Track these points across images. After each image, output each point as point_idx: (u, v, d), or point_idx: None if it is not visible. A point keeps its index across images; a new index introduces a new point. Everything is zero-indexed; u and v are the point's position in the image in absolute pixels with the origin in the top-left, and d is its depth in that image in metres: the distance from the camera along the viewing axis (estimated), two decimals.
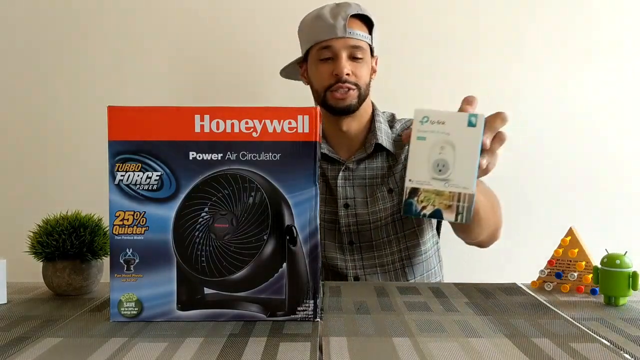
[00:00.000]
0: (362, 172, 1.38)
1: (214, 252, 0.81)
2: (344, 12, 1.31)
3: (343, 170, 1.37)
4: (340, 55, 1.31)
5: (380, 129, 1.39)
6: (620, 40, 1.74)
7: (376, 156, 1.39)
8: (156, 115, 0.81)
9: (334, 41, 1.31)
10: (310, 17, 1.36)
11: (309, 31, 1.36)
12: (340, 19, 1.30)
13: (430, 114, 0.79)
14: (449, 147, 0.79)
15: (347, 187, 1.37)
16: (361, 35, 1.33)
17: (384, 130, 1.40)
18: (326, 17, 1.31)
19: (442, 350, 0.70)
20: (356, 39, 1.32)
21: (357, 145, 1.40)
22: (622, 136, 1.75)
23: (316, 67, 1.35)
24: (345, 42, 1.31)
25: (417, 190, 0.79)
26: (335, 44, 1.31)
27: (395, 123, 1.44)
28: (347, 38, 1.31)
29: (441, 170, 0.79)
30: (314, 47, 1.34)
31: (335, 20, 1.30)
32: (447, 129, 0.79)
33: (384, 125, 1.41)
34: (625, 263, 0.90)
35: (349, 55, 1.32)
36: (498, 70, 1.74)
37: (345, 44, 1.31)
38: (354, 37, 1.31)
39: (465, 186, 0.78)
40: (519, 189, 1.74)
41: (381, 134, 1.38)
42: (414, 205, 0.79)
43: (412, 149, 0.79)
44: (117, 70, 1.75)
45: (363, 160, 1.38)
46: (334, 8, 1.34)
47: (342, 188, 1.37)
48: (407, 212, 0.79)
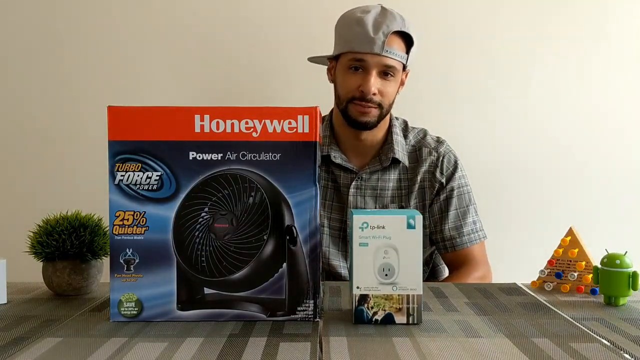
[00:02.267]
0: (375, 183, 1.37)
1: (214, 252, 0.81)
2: (386, 27, 1.26)
3: (356, 180, 1.36)
4: (370, 73, 1.28)
5: (397, 142, 1.37)
6: (625, 39, 1.74)
7: (390, 169, 1.37)
8: (156, 115, 0.81)
9: (369, 56, 1.27)
10: (353, 19, 1.30)
11: (346, 35, 1.30)
12: (381, 34, 1.25)
13: (369, 220, 0.80)
14: (392, 250, 0.79)
15: (358, 196, 1.36)
16: (398, 55, 1.28)
17: (400, 143, 1.38)
18: (367, 27, 1.26)
19: (442, 350, 0.70)
20: (391, 58, 1.28)
21: (371, 154, 1.39)
22: (622, 136, 1.75)
23: (344, 74, 1.32)
24: (380, 60, 1.27)
25: (366, 297, 0.80)
26: (369, 60, 1.27)
27: (409, 133, 1.42)
28: (382, 56, 1.27)
29: (387, 274, 0.80)
30: (347, 54, 1.30)
31: (375, 34, 1.25)
32: (388, 232, 0.79)
33: (400, 137, 1.39)
34: (625, 263, 0.90)
35: (379, 72, 1.29)
36: (498, 70, 1.74)
37: (379, 62, 1.27)
38: (389, 57, 1.27)
39: (413, 287, 0.80)
40: (519, 189, 1.74)
41: (398, 146, 1.37)
42: (365, 312, 0.80)
43: (356, 255, 0.80)
44: (117, 70, 1.75)
45: (377, 171, 1.37)
46: (378, 17, 1.28)
47: (353, 197, 1.36)
48: (358, 319, 0.80)
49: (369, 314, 0.80)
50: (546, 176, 1.75)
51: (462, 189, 1.37)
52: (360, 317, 0.80)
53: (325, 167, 1.38)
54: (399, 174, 1.38)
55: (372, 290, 0.80)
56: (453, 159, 1.39)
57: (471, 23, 1.74)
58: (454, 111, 1.74)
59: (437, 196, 1.37)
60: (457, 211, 1.35)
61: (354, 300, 0.80)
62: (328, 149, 1.37)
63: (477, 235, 1.36)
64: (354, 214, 0.80)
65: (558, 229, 1.11)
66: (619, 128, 1.75)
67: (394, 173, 1.38)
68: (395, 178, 1.38)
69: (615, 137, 1.75)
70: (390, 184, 1.37)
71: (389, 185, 1.37)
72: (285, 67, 1.73)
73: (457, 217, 1.35)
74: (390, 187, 1.37)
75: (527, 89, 1.75)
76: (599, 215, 1.73)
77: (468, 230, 1.35)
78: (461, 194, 1.37)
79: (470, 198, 1.38)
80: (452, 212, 1.35)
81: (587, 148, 1.75)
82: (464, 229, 1.34)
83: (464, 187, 1.38)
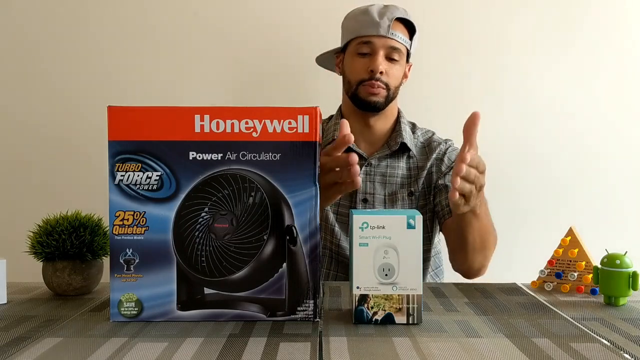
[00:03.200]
0: (384, 170, 1.41)
1: (214, 252, 0.81)
2: (390, 14, 1.35)
3: (365, 166, 1.40)
4: (378, 53, 1.34)
5: (406, 130, 1.43)
6: (624, 40, 1.74)
7: (399, 156, 1.42)
8: (156, 115, 0.81)
9: (375, 38, 1.34)
10: (357, 12, 1.40)
11: (353, 24, 1.39)
12: (386, 19, 1.34)
13: (369, 220, 0.80)
14: (392, 250, 0.79)
15: (367, 182, 1.40)
16: (402, 38, 1.36)
17: (408, 132, 1.44)
18: (373, 15, 1.35)
19: (442, 350, 0.70)
20: (397, 40, 1.35)
21: (380, 142, 1.43)
22: (622, 136, 1.75)
23: (352, 59, 1.38)
24: (386, 42, 1.34)
25: (366, 297, 0.80)
26: (376, 41, 1.34)
27: (417, 130, 1.48)
28: (388, 38, 1.34)
29: (387, 274, 0.80)
30: (355, 40, 1.37)
31: (381, 19, 1.34)
32: (388, 232, 0.79)
33: (408, 128, 1.45)
34: (625, 263, 0.90)
35: (386, 54, 1.35)
36: (499, 70, 1.74)
37: (385, 44, 1.35)
38: (394, 39, 1.35)
39: (413, 287, 0.80)
40: (519, 189, 1.74)
41: (406, 134, 1.42)
42: (365, 312, 0.80)
43: (356, 255, 0.80)
44: (118, 70, 1.75)
45: (385, 158, 1.41)
46: (382, 8, 1.37)
47: (362, 183, 1.38)
48: (358, 320, 0.80)
49: (369, 314, 0.80)
50: (546, 176, 1.75)
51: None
52: (360, 317, 0.80)
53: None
54: (408, 162, 1.42)
55: (372, 291, 0.80)
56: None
57: (474, 24, 1.74)
58: (454, 111, 1.73)
59: (444, 174, 1.40)
60: None
61: (354, 300, 0.80)
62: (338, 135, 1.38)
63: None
64: (354, 214, 0.80)
65: (558, 229, 1.11)
66: (620, 128, 1.75)
67: (402, 161, 1.42)
68: (404, 166, 1.42)
69: (616, 137, 1.75)
70: (399, 172, 1.41)
71: (398, 173, 1.41)
72: (285, 67, 1.74)
73: None
74: (399, 174, 1.41)
75: (527, 90, 1.75)
76: (599, 215, 1.73)
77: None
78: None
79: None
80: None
81: (587, 148, 1.75)
82: None
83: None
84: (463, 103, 1.74)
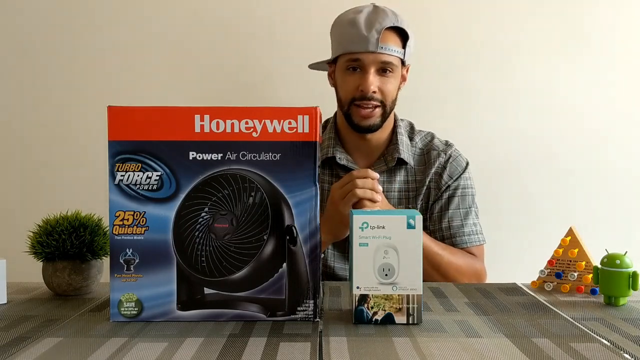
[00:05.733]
0: (380, 185, 1.36)
1: (214, 252, 0.81)
2: (378, 24, 1.26)
3: None
4: (368, 71, 1.27)
5: (402, 142, 1.37)
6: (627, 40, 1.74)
7: (396, 170, 1.37)
8: (156, 115, 0.81)
9: (364, 55, 1.26)
10: (345, 21, 1.31)
11: (340, 38, 1.31)
12: (374, 31, 1.25)
13: (369, 220, 0.80)
14: (392, 250, 0.79)
15: None
16: (394, 50, 1.28)
17: (405, 143, 1.38)
18: (360, 27, 1.26)
19: (442, 350, 0.70)
20: (388, 54, 1.27)
21: (376, 155, 1.38)
22: (622, 136, 1.75)
23: (343, 75, 1.31)
24: (376, 58, 1.27)
25: (366, 297, 0.80)
26: (365, 58, 1.27)
27: (415, 135, 1.42)
28: (378, 53, 1.26)
29: (387, 274, 0.80)
30: (344, 55, 1.30)
31: (368, 32, 1.25)
32: (388, 232, 0.80)
33: (405, 138, 1.39)
34: (625, 263, 0.90)
35: (377, 70, 1.28)
36: (499, 72, 1.74)
37: (375, 60, 1.27)
38: (385, 53, 1.27)
39: (413, 287, 0.80)
40: (519, 189, 1.74)
41: (403, 147, 1.36)
42: (365, 312, 0.80)
43: (356, 255, 0.80)
44: (118, 70, 1.75)
45: (382, 172, 1.35)
46: (370, 16, 1.28)
47: None
48: (358, 320, 0.80)
49: (369, 314, 0.80)
50: (546, 176, 1.75)
51: (466, 190, 1.37)
52: (360, 317, 0.80)
53: (330, 169, 1.37)
54: (406, 176, 1.38)
55: (372, 290, 0.80)
56: (463, 162, 1.39)
57: (472, 24, 1.74)
58: (455, 112, 1.74)
59: (441, 195, 1.36)
60: (459, 211, 1.35)
61: (354, 300, 0.80)
62: (333, 151, 1.36)
63: (477, 237, 1.35)
64: (354, 214, 0.80)
65: (558, 229, 1.11)
66: (620, 128, 1.75)
67: (400, 175, 1.37)
68: (402, 180, 1.37)
69: (616, 137, 1.75)
70: (397, 186, 1.37)
71: (395, 187, 1.37)
72: (285, 67, 1.73)
73: (459, 216, 1.35)
74: (396, 188, 1.37)
75: (528, 90, 1.75)
76: (599, 215, 1.73)
77: (468, 231, 1.34)
78: (465, 195, 1.36)
79: (473, 201, 1.38)
80: (454, 210, 1.35)
81: (587, 148, 1.75)
82: (464, 229, 1.34)
83: (469, 189, 1.38)
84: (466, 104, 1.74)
